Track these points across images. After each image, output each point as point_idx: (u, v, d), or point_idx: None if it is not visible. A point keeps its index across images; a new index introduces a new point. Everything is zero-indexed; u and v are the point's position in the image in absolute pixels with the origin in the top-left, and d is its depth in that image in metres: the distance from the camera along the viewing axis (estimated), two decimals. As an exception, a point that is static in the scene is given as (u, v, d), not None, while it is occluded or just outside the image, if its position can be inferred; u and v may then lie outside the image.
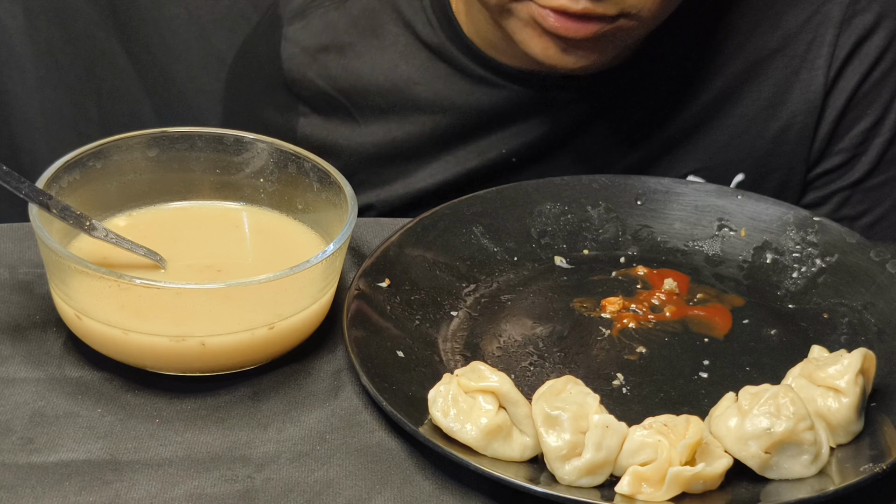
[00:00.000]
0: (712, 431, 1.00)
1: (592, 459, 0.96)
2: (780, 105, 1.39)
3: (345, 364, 1.09)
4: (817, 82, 1.39)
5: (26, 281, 1.14)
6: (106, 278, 1.01)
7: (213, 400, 1.05)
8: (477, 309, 1.15)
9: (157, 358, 1.04)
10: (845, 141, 1.41)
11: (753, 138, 1.40)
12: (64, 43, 1.96)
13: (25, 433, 1.00)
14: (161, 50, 1.94)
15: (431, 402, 1.00)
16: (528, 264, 1.21)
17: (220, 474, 0.98)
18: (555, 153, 1.41)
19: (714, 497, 0.97)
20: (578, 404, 0.98)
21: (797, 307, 1.17)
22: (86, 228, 1.08)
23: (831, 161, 1.42)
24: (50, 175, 1.09)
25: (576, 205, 1.25)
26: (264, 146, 1.16)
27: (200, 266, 1.11)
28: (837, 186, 1.43)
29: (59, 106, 2.00)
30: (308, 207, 1.15)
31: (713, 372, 1.10)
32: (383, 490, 0.98)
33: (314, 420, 1.04)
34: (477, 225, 1.22)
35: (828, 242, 1.20)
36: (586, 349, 1.12)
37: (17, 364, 1.06)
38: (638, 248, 1.24)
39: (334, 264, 1.08)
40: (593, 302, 1.17)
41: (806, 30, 1.39)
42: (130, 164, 1.15)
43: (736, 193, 1.25)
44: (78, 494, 0.96)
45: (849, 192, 1.43)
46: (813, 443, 0.98)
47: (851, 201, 1.43)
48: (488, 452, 0.98)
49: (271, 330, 1.05)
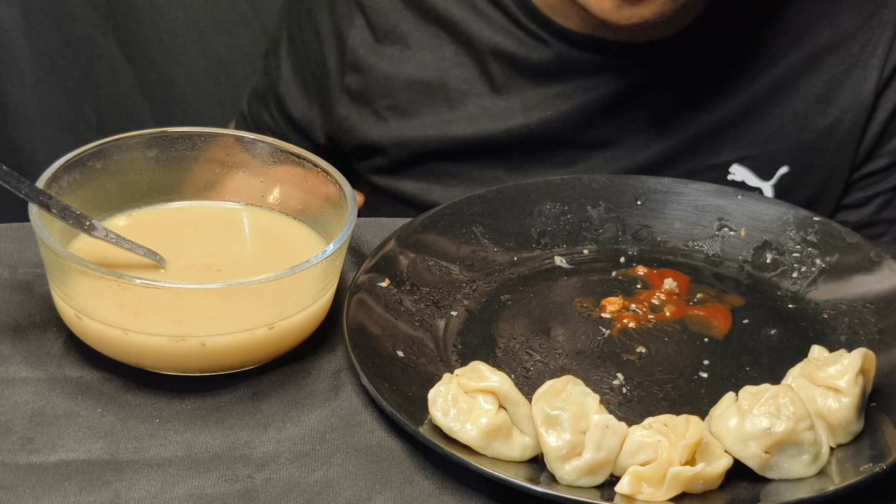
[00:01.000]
0: (712, 431, 1.00)
1: (592, 459, 0.96)
2: (831, 102, 1.40)
3: (345, 364, 1.09)
4: (870, 82, 1.39)
5: (26, 281, 1.14)
6: (106, 278, 1.01)
7: (213, 400, 1.05)
8: (477, 309, 1.15)
9: (157, 358, 1.04)
10: (892, 144, 1.41)
11: (801, 132, 1.40)
12: (62, 46, 1.96)
13: (25, 433, 1.00)
14: (159, 53, 1.95)
15: (431, 402, 1.00)
16: (528, 264, 1.21)
17: (220, 474, 0.98)
18: (601, 122, 1.41)
19: (714, 497, 0.97)
20: (578, 404, 0.98)
21: (797, 307, 1.17)
22: (86, 228, 1.08)
23: (877, 163, 1.42)
24: (50, 175, 1.09)
25: (576, 205, 1.25)
26: (264, 146, 1.16)
27: (200, 266, 1.11)
28: (880, 189, 1.43)
29: (57, 108, 2.00)
30: (308, 207, 1.15)
31: (713, 372, 1.10)
32: (383, 490, 0.98)
33: (314, 420, 1.03)
34: (477, 225, 1.22)
35: (828, 242, 1.20)
36: (586, 349, 1.12)
37: (17, 364, 1.06)
38: (638, 248, 1.24)
39: (334, 264, 1.08)
40: (593, 302, 1.17)
41: (862, 30, 1.39)
42: (130, 164, 1.15)
43: (736, 193, 1.25)
44: (78, 494, 0.96)
45: (891, 196, 1.43)
46: (813, 443, 0.98)
47: (893, 204, 1.43)
48: (488, 452, 0.98)
49: (271, 330, 1.05)
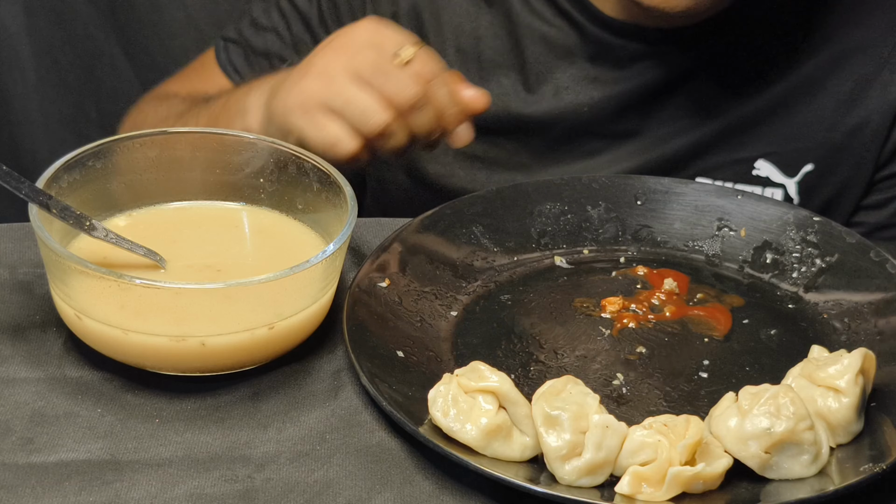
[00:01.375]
0: (712, 431, 1.00)
1: (592, 459, 0.96)
2: (858, 102, 1.40)
3: (345, 364, 1.09)
4: None
5: (26, 281, 1.14)
6: (106, 278, 1.01)
7: (213, 400, 1.05)
8: (477, 309, 1.15)
9: (157, 358, 1.04)
10: None
11: (828, 131, 1.41)
12: (63, 44, 1.96)
13: (25, 433, 1.00)
14: (160, 52, 1.95)
15: (431, 402, 1.00)
16: (528, 264, 1.21)
17: (220, 474, 0.98)
18: (631, 112, 1.41)
19: (714, 497, 0.97)
20: (578, 404, 0.98)
21: (797, 307, 1.17)
22: (86, 228, 1.08)
23: None
24: (50, 175, 1.09)
25: (576, 205, 1.25)
26: (264, 146, 1.16)
27: (200, 266, 1.11)
28: None
29: (58, 106, 2.00)
30: (308, 207, 1.15)
31: (713, 372, 1.10)
32: (383, 490, 0.98)
33: (314, 420, 1.04)
34: (477, 225, 1.22)
35: (828, 242, 1.20)
36: (586, 349, 1.12)
37: (17, 364, 1.06)
38: (638, 248, 1.24)
39: (334, 264, 1.08)
40: (593, 302, 1.17)
41: (892, 33, 1.40)
42: (130, 164, 1.15)
43: (736, 193, 1.25)
44: (78, 494, 0.96)
45: None
46: (813, 443, 0.98)
47: None
48: (488, 452, 0.98)
49: (271, 330, 1.05)
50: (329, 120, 1.19)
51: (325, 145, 1.19)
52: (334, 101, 1.18)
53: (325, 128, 1.19)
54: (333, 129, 1.18)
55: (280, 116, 1.21)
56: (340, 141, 1.18)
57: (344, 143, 1.18)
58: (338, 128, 1.18)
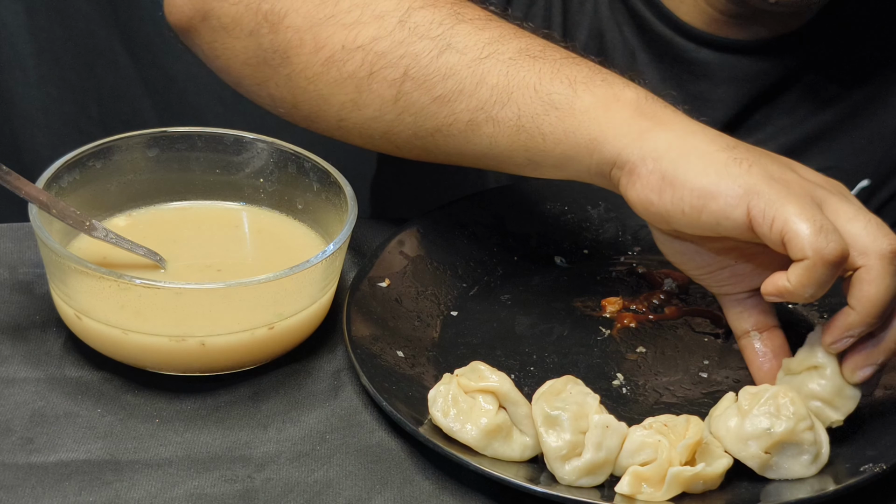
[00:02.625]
0: (712, 431, 1.00)
1: (592, 459, 0.96)
2: None
3: (345, 364, 1.09)
4: None
5: (26, 281, 1.14)
6: (106, 278, 1.01)
7: (213, 400, 1.05)
8: (477, 309, 1.15)
9: (157, 358, 1.04)
10: None
11: (890, 147, 1.40)
12: (65, 41, 1.97)
13: (25, 433, 1.00)
14: (161, 49, 1.95)
15: (431, 402, 1.00)
16: (528, 264, 1.21)
17: (220, 474, 0.99)
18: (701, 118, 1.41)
19: (714, 497, 0.97)
20: (578, 404, 0.98)
21: (797, 307, 1.17)
22: (86, 228, 1.08)
23: None
24: (50, 175, 1.09)
25: (576, 205, 1.25)
26: (264, 146, 1.16)
27: (200, 266, 1.11)
28: None
29: (60, 104, 2.01)
30: (308, 207, 1.15)
31: (713, 372, 1.10)
32: (383, 490, 0.98)
33: (314, 420, 1.04)
34: (477, 225, 1.22)
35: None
36: (586, 349, 1.12)
37: (17, 364, 1.06)
38: (638, 248, 1.24)
39: (334, 264, 1.08)
40: (593, 302, 1.17)
41: None
42: (130, 164, 1.15)
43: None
44: (78, 494, 0.96)
45: None
46: (813, 443, 0.98)
47: None
48: (488, 452, 0.98)
49: (271, 330, 1.05)
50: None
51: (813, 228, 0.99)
52: None
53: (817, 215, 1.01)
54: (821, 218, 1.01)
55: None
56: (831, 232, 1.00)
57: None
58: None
